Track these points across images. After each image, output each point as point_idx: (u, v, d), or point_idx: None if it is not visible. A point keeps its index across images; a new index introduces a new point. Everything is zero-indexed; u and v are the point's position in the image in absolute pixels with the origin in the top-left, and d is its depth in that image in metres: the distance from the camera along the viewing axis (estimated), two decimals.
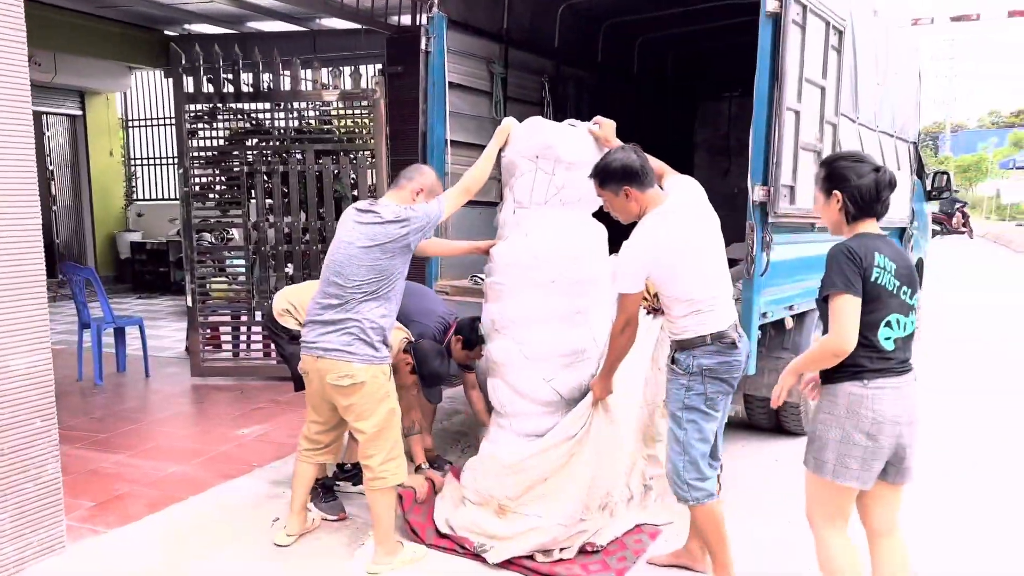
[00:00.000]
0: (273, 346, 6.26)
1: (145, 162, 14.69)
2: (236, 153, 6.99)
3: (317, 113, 7.00)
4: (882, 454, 2.67)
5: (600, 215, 3.97)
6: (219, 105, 6.93)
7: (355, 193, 6.83)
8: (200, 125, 6.96)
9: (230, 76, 6.88)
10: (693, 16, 7.00)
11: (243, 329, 7.62)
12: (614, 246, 4.08)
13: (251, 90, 6.93)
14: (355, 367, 3.50)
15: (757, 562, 3.60)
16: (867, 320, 2.63)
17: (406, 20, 7.73)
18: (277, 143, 6.91)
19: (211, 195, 7.16)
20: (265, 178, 6.89)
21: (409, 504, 4.07)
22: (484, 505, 3.79)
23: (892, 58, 6.23)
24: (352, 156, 6.84)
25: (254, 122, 7.14)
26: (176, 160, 15.40)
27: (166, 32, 13.42)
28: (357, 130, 6.88)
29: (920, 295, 2.99)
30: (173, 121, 14.95)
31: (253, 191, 6.94)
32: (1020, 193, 32.66)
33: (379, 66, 9.88)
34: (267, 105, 6.95)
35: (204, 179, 7.07)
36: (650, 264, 3.18)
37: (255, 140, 7.05)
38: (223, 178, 7.09)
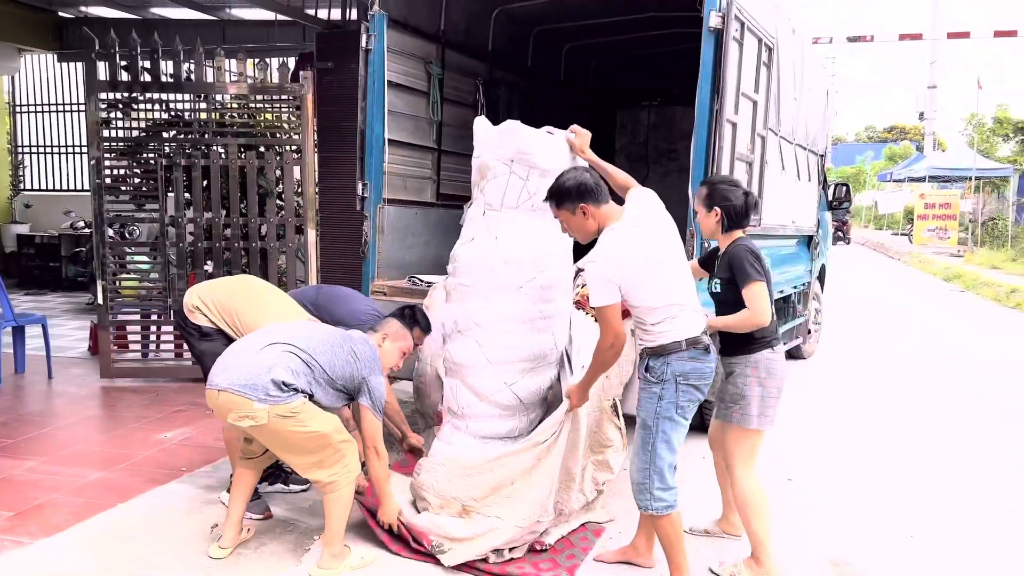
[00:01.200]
0: (186, 344, 6.05)
1: (34, 150, 13.86)
2: (153, 145, 6.71)
3: (240, 106, 6.78)
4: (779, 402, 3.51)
5: None
6: (136, 95, 6.63)
7: (280, 190, 6.67)
8: (115, 115, 6.63)
9: (147, 64, 6.59)
10: (616, 26, 7.18)
11: (155, 328, 7.32)
12: (579, 254, 4.19)
13: (170, 79, 6.67)
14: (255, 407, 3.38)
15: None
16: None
17: (333, 14, 7.61)
18: (197, 135, 6.66)
19: (124, 188, 6.83)
20: (184, 172, 6.64)
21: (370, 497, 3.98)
22: (446, 507, 3.78)
23: (807, 74, 6.58)
24: (278, 152, 6.68)
25: (173, 113, 6.87)
26: (71, 149, 14.65)
27: (60, 13, 12.70)
28: (282, 125, 6.71)
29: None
30: (67, 107, 14.37)
31: (171, 185, 6.67)
32: (896, 204, 34.84)
33: (290, 59, 9.68)
34: (187, 96, 6.70)
35: (118, 171, 6.74)
36: (617, 277, 3.19)
37: (173, 132, 6.78)
38: (139, 170, 6.78)
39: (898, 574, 3.73)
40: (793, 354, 7.92)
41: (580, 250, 3.67)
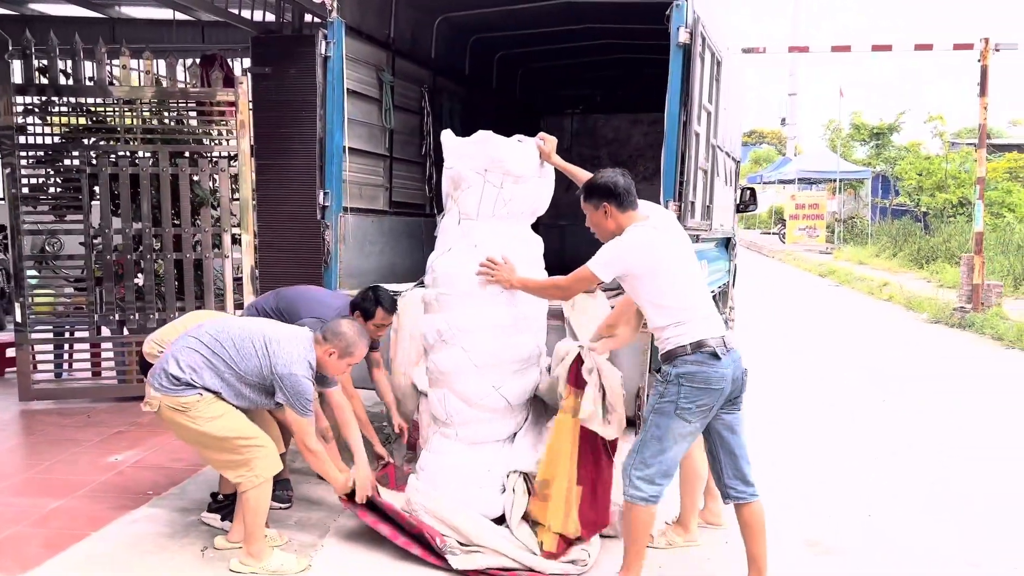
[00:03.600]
0: None
1: None
2: (76, 153, 6.33)
3: (171, 111, 6.51)
4: None
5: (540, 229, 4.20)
6: (55, 99, 6.24)
7: (217, 199, 6.45)
8: (31, 120, 6.22)
9: (65, 67, 6.23)
10: (544, 37, 7.35)
11: (67, 347, 6.93)
12: (552, 257, 4.31)
13: (92, 83, 6.32)
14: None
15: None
16: None
17: (257, 14, 7.37)
18: (124, 142, 6.34)
19: (43, 198, 6.41)
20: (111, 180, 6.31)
21: (364, 513, 3.93)
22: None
23: (733, 83, 6.96)
24: (212, 159, 6.46)
25: (96, 118, 6.50)
26: None
27: None
28: (217, 131, 6.48)
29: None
30: None
31: (96, 194, 6.33)
32: (762, 205, 37.01)
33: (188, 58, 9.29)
34: (111, 100, 6.36)
35: (35, 180, 6.33)
36: (628, 261, 3.37)
37: (99, 139, 6.42)
38: (59, 179, 6.39)
39: (866, 550, 4.05)
40: None
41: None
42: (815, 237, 25.58)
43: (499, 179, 3.98)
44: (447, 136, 4.16)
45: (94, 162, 6.26)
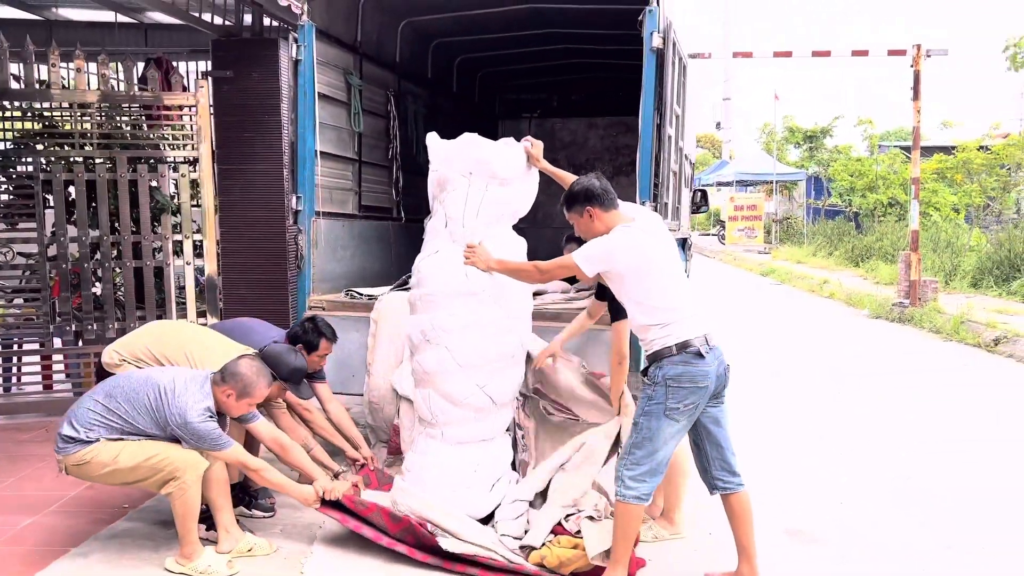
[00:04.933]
0: None
1: None
2: (27, 159, 6.12)
3: (128, 116, 6.35)
4: None
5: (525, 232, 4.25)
6: (4, 103, 6.03)
7: (177, 205, 6.31)
8: None
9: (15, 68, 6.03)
10: (503, 42, 7.42)
11: (15, 359, 6.69)
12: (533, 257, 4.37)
13: (44, 86, 6.13)
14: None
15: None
16: None
17: (220, 19, 7.24)
18: (80, 148, 6.16)
19: None
20: (68, 187, 6.12)
21: (347, 518, 3.93)
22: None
23: (691, 88, 7.13)
24: (172, 164, 6.32)
25: (48, 123, 6.30)
26: None
27: None
28: (178, 137, 6.34)
29: None
30: None
31: (49, 201, 6.13)
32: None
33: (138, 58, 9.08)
34: (66, 104, 6.18)
35: None
36: (613, 259, 3.46)
37: (52, 144, 6.22)
38: (9, 186, 6.17)
39: (844, 536, 4.21)
40: None
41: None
42: (753, 238, 26.25)
43: (484, 181, 4.03)
44: (432, 138, 4.18)
45: (47, 168, 6.07)
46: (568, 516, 3.86)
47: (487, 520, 4.01)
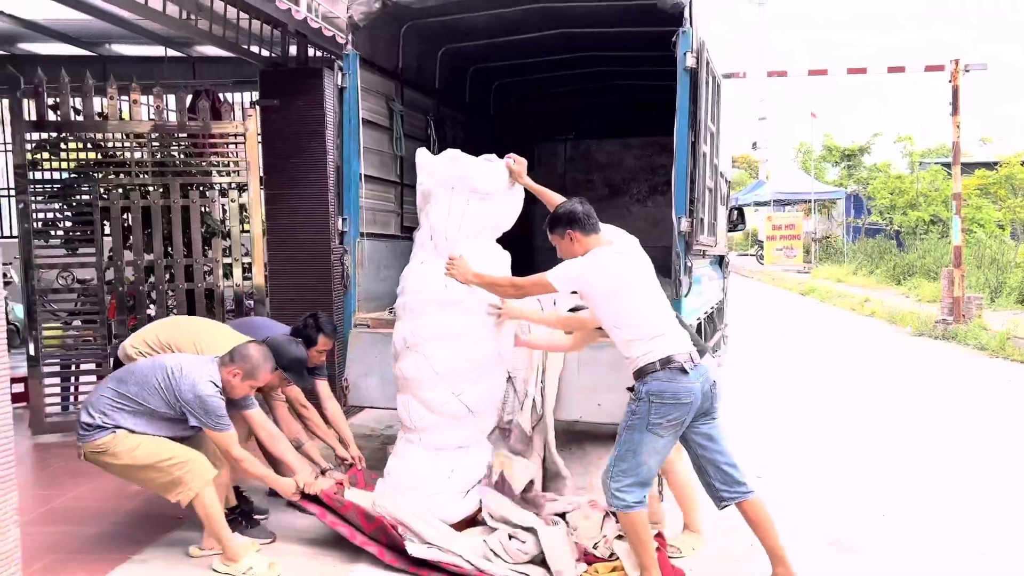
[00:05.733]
0: None
1: None
2: (87, 187, 6.42)
3: (181, 145, 6.63)
4: None
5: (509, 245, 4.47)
6: (66, 134, 6.35)
7: (227, 229, 6.55)
8: (45, 155, 6.32)
9: (78, 103, 6.35)
10: (539, 66, 7.57)
11: (73, 379, 6.94)
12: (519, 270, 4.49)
13: (102, 118, 6.44)
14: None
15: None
16: None
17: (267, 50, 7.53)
18: (136, 176, 6.44)
19: (56, 232, 6.48)
20: (124, 213, 6.41)
21: (325, 513, 4.09)
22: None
23: (725, 106, 7.22)
24: (222, 191, 6.57)
25: (106, 153, 6.60)
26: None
27: None
28: (227, 163, 6.59)
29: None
30: None
31: (107, 227, 6.42)
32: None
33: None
34: (120, 135, 6.48)
35: (49, 215, 6.41)
36: (585, 280, 3.59)
37: (109, 172, 6.51)
38: (70, 214, 6.47)
39: (884, 547, 4.22)
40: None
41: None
42: (792, 257, 26.03)
43: (466, 196, 4.23)
44: (421, 154, 4.46)
45: (105, 196, 6.36)
46: (595, 544, 3.92)
47: (462, 525, 4.15)
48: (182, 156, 6.66)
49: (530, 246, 7.02)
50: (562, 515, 4.14)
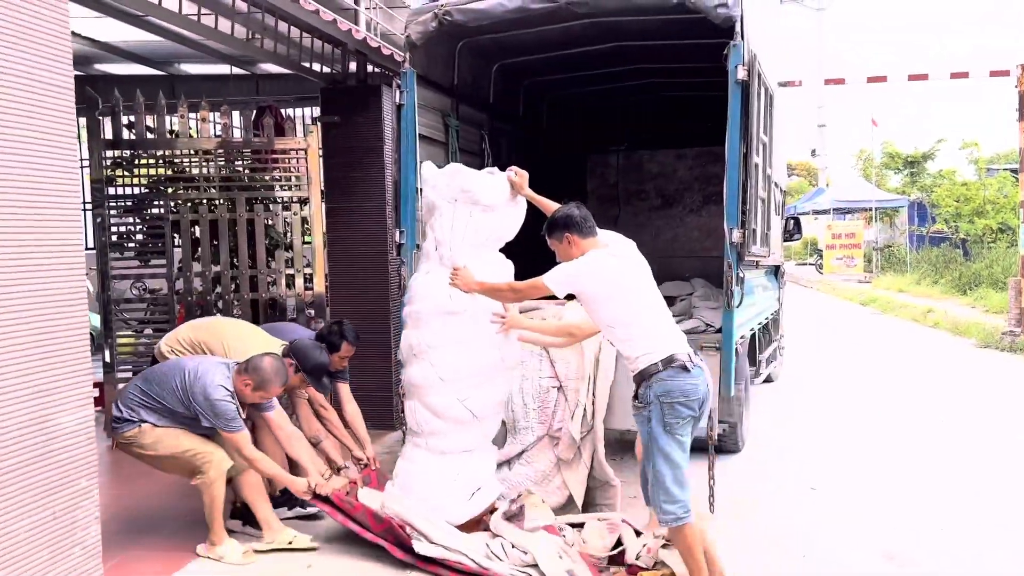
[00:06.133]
0: None
1: None
2: (158, 202, 6.73)
3: (247, 160, 6.91)
4: None
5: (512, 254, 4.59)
6: (140, 151, 6.68)
7: (289, 241, 6.79)
8: (120, 172, 6.65)
9: (150, 122, 6.67)
10: (590, 79, 7.67)
11: None
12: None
13: (173, 136, 6.75)
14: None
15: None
16: None
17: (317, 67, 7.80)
18: (204, 190, 6.74)
19: (129, 244, 6.81)
20: (193, 227, 6.70)
21: (335, 512, 4.29)
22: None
23: (778, 116, 7.20)
24: (285, 204, 6.82)
25: (177, 169, 6.91)
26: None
27: None
28: (289, 178, 6.84)
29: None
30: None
31: (177, 239, 6.72)
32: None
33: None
34: (191, 151, 6.78)
35: (123, 228, 6.74)
36: (580, 282, 3.65)
37: (178, 187, 6.83)
38: (143, 227, 6.79)
39: (942, 562, 4.17)
40: (768, 377, 8.48)
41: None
42: (853, 266, 25.51)
43: (468, 208, 4.36)
44: (426, 167, 4.61)
45: (175, 210, 6.66)
46: (638, 555, 3.98)
47: (468, 527, 4.29)
48: (247, 171, 6.92)
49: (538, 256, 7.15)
50: (580, 525, 4.31)
